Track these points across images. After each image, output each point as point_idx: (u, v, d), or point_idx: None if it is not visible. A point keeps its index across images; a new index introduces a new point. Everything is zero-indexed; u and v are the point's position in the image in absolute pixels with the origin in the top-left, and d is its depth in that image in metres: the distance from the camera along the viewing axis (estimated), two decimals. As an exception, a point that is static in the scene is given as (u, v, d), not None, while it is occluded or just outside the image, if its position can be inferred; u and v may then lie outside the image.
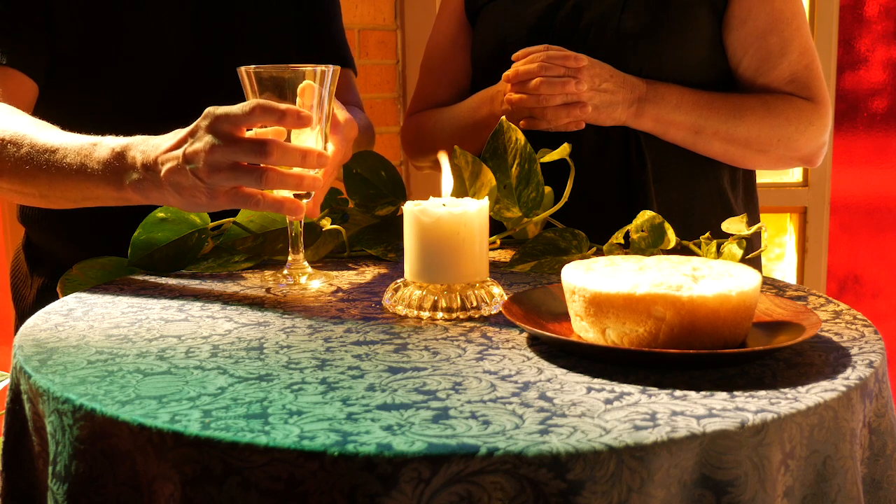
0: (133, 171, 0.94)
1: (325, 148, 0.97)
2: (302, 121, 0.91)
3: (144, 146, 0.95)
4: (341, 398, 0.64)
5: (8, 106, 1.11)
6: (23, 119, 1.07)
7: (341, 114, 1.02)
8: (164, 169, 0.92)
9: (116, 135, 1.01)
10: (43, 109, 1.22)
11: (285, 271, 0.99)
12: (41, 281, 1.30)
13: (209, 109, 0.91)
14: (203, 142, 0.90)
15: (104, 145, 0.98)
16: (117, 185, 0.96)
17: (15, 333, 1.10)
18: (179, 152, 0.91)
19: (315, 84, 0.93)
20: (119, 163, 0.96)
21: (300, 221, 0.98)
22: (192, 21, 1.27)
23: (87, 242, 1.24)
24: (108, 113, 1.23)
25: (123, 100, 1.23)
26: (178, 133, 0.93)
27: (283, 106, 0.90)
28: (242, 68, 0.94)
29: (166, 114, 1.27)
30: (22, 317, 1.34)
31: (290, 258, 0.99)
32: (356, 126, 1.09)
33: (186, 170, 0.90)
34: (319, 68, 0.93)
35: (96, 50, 1.22)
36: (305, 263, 1.00)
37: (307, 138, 0.95)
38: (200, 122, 0.91)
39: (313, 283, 0.97)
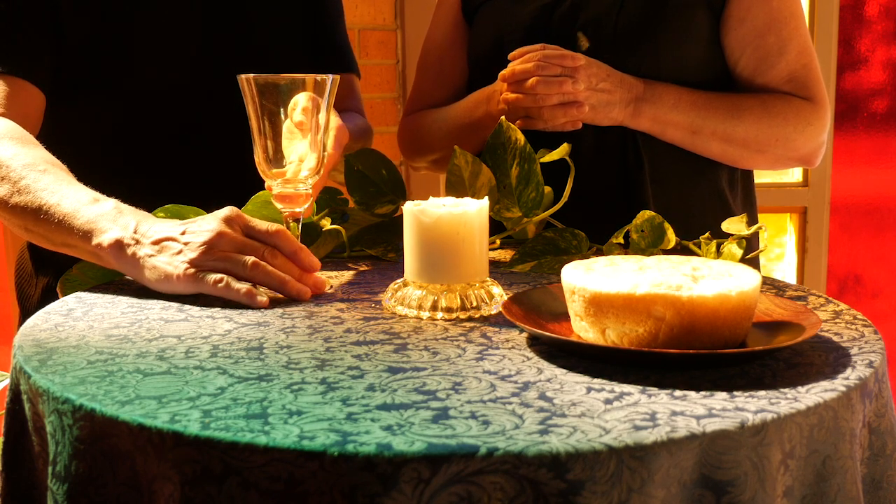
0: (121, 231, 0.94)
1: (322, 156, 0.97)
2: (310, 265, 0.94)
3: (145, 216, 0.96)
4: (341, 398, 0.64)
5: (10, 126, 1.09)
6: (24, 151, 1.05)
7: (334, 120, 1.02)
8: (153, 236, 0.93)
9: (122, 137, 1.02)
10: (53, 114, 1.23)
11: None
12: (46, 280, 1.30)
13: (232, 207, 0.94)
14: (212, 226, 0.92)
15: (106, 203, 0.98)
16: (89, 237, 0.95)
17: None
18: (181, 227, 0.93)
19: (307, 99, 0.93)
20: (113, 219, 0.95)
21: (298, 224, 0.98)
22: (202, 24, 1.27)
23: None
24: (117, 116, 1.23)
25: (133, 103, 1.23)
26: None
27: (299, 244, 0.94)
28: (242, 76, 0.95)
29: (175, 117, 1.27)
30: (26, 315, 1.35)
31: None
32: (347, 132, 1.10)
33: (178, 240, 0.92)
34: (318, 77, 0.93)
35: (106, 53, 1.22)
36: None
37: (304, 145, 0.95)
38: (218, 211, 0.94)
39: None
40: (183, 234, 0.93)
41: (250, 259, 0.91)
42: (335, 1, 1.46)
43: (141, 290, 0.97)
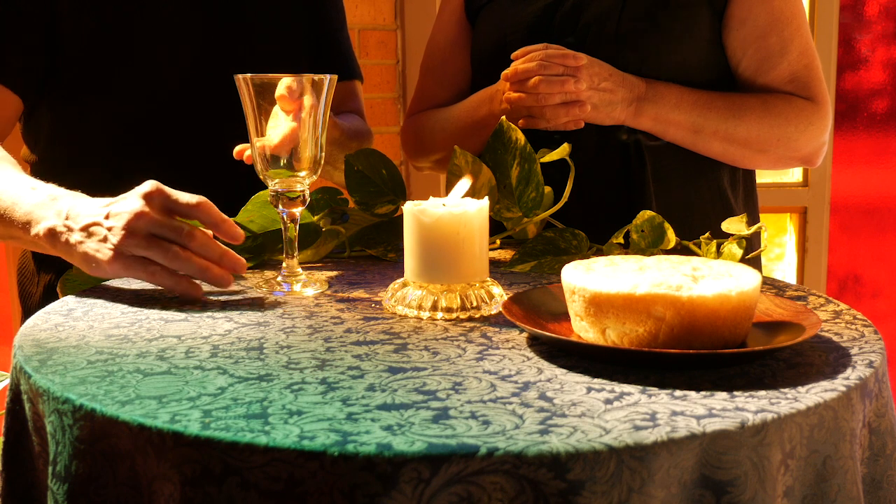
0: (56, 218, 0.94)
1: (320, 156, 0.97)
2: (233, 235, 0.93)
3: (74, 199, 0.95)
4: (341, 398, 0.64)
5: None
6: None
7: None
8: (82, 222, 0.92)
9: (122, 137, 1.01)
10: (53, 115, 1.23)
11: (279, 278, 0.99)
12: (48, 278, 1.31)
13: (152, 181, 0.92)
14: (132, 205, 0.90)
15: (42, 190, 0.98)
16: (28, 230, 0.95)
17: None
18: (105, 210, 0.91)
19: (293, 80, 0.93)
20: (46, 208, 0.95)
21: (296, 226, 0.98)
22: (202, 28, 1.27)
23: None
24: (117, 117, 1.23)
25: (132, 104, 1.23)
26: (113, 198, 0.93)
27: (223, 216, 0.93)
28: (239, 76, 0.95)
29: (175, 118, 1.27)
30: (28, 313, 1.35)
31: (283, 264, 0.99)
32: (336, 124, 1.09)
33: (102, 224, 0.90)
34: (316, 77, 0.93)
35: (105, 55, 1.22)
36: (299, 270, 0.99)
37: (303, 146, 0.95)
38: (139, 187, 0.91)
39: (307, 290, 0.97)
40: (107, 217, 0.91)
41: (171, 249, 0.89)
42: (338, 7, 1.46)
43: (141, 290, 0.97)
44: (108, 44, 1.22)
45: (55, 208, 0.94)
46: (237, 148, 1.07)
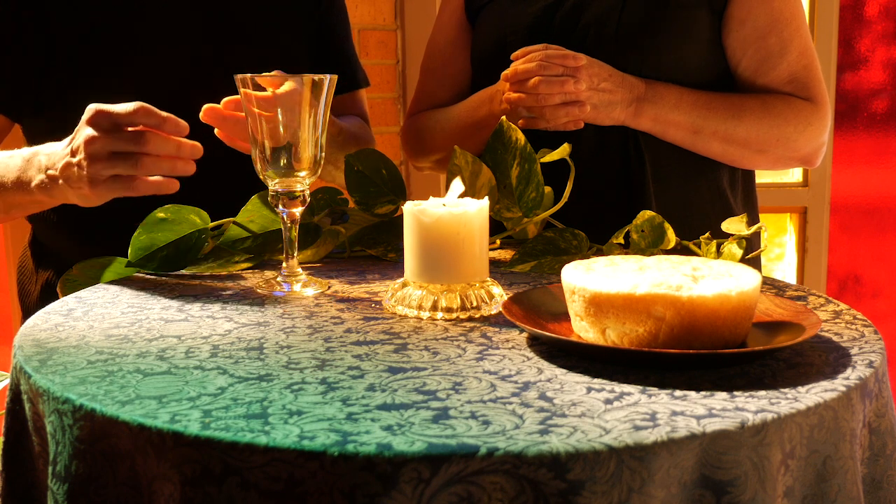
0: (39, 174, 1.04)
1: (320, 156, 0.97)
2: (179, 129, 0.98)
3: (48, 149, 1.04)
4: (341, 398, 0.64)
5: None
6: None
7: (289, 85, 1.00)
8: (59, 167, 1.01)
9: None
10: (53, 115, 1.23)
11: (279, 278, 0.99)
12: (46, 276, 1.31)
13: (92, 105, 0.98)
14: (84, 134, 0.97)
15: (17, 156, 1.08)
16: (27, 189, 1.06)
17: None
18: (68, 148, 1.00)
19: (278, 72, 0.96)
20: (28, 168, 1.06)
21: (296, 226, 0.98)
22: (202, 28, 1.27)
23: (91, 240, 1.24)
24: None
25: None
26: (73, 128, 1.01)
27: (164, 113, 0.97)
28: (238, 75, 0.95)
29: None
30: (27, 312, 1.35)
31: (283, 264, 0.99)
32: (334, 122, 1.10)
33: (72, 162, 0.98)
34: (316, 77, 0.93)
35: (102, 55, 1.22)
36: (299, 270, 0.99)
37: (303, 146, 0.95)
38: (83, 117, 0.98)
39: (307, 290, 0.97)
40: (73, 153, 0.98)
41: (132, 159, 0.96)
42: (343, 16, 1.47)
43: (141, 290, 0.97)
44: (105, 45, 1.22)
45: (35, 165, 1.04)
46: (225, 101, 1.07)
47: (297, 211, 0.98)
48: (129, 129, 0.97)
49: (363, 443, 0.56)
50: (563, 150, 1.10)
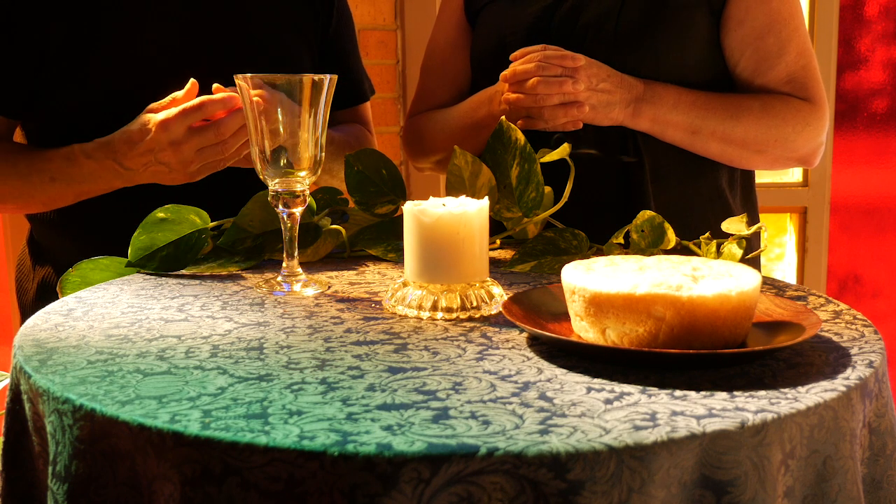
0: (114, 179, 1.17)
1: (320, 156, 0.97)
2: (233, 102, 1.08)
3: (118, 150, 1.14)
4: (341, 398, 0.64)
5: None
6: None
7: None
8: (145, 172, 1.14)
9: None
10: (51, 113, 1.23)
11: (279, 278, 0.99)
12: (42, 274, 1.31)
13: (149, 117, 1.11)
14: (164, 145, 1.10)
15: (79, 152, 1.17)
16: (107, 185, 1.18)
17: (20, 326, 1.13)
18: (149, 157, 1.12)
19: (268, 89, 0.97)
20: (101, 171, 1.16)
21: (296, 226, 0.98)
22: (203, 35, 1.27)
23: (88, 240, 1.24)
24: (119, 116, 1.23)
25: (134, 104, 1.23)
26: (141, 136, 1.12)
27: (217, 96, 1.08)
28: (238, 76, 0.95)
29: None
30: (24, 310, 1.36)
31: (284, 264, 0.99)
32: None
33: (163, 169, 1.12)
34: (316, 77, 0.93)
35: (101, 56, 1.22)
36: (299, 270, 0.99)
37: (303, 146, 0.95)
38: (155, 135, 1.10)
39: (307, 290, 0.97)
40: (160, 161, 1.12)
41: (218, 147, 1.10)
42: (351, 31, 1.47)
43: (141, 290, 0.97)
44: (101, 43, 1.22)
45: (111, 170, 1.16)
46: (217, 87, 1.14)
47: (297, 211, 0.98)
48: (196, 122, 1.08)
49: (363, 443, 0.56)
50: (562, 150, 1.10)
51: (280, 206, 0.97)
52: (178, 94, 1.12)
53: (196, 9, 1.27)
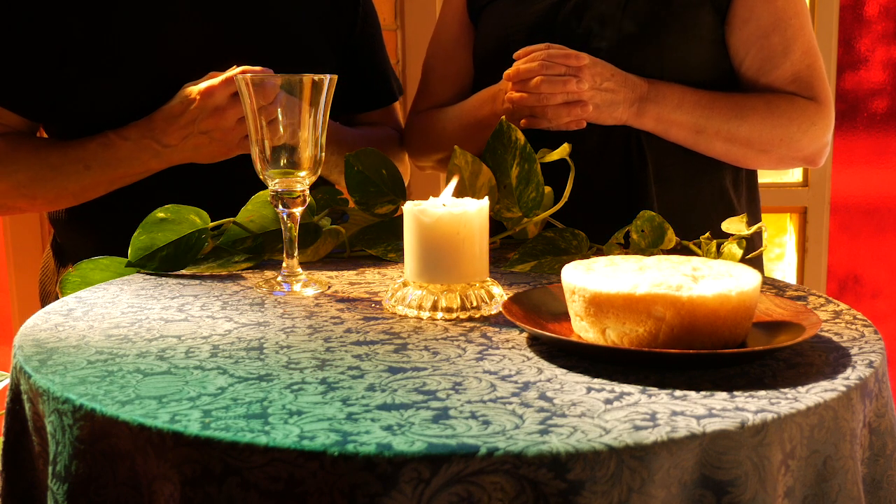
0: (152, 158, 1.19)
1: (320, 156, 0.97)
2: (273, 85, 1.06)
3: (157, 127, 1.17)
4: (341, 398, 0.64)
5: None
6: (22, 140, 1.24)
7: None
8: (185, 144, 1.16)
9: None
10: (55, 111, 1.23)
11: (279, 278, 0.99)
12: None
13: (192, 89, 1.14)
14: (206, 113, 1.12)
15: (114, 136, 1.19)
16: (143, 167, 1.20)
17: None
18: (193, 129, 1.15)
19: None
20: (138, 150, 1.18)
21: (296, 226, 0.98)
22: (224, 34, 1.27)
23: (110, 242, 1.24)
24: (120, 116, 1.24)
25: (134, 104, 1.23)
26: (183, 108, 1.15)
27: (239, 69, 1.12)
28: (239, 76, 0.95)
29: None
30: None
31: (284, 264, 0.99)
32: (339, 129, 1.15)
33: (205, 140, 1.15)
34: (316, 77, 0.94)
35: (113, 51, 1.22)
36: (299, 270, 0.99)
37: (303, 146, 0.95)
38: (199, 103, 1.13)
39: (307, 290, 0.97)
40: (201, 132, 1.14)
41: (264, 119, 1.00)
42: (377, 30, 1.48)
43: (141, 290, 0.97)
44: (115, 41, 1.22)
45: (148, 149, 1.18)
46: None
47: (297, 211, 0.98)
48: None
49: (363, 443, 0.56)
50: (563, 150, 1.10)
51: (280, 206, 0.97)
52: (216, 74, 1.14)
53: (221, 7, 1.27)
